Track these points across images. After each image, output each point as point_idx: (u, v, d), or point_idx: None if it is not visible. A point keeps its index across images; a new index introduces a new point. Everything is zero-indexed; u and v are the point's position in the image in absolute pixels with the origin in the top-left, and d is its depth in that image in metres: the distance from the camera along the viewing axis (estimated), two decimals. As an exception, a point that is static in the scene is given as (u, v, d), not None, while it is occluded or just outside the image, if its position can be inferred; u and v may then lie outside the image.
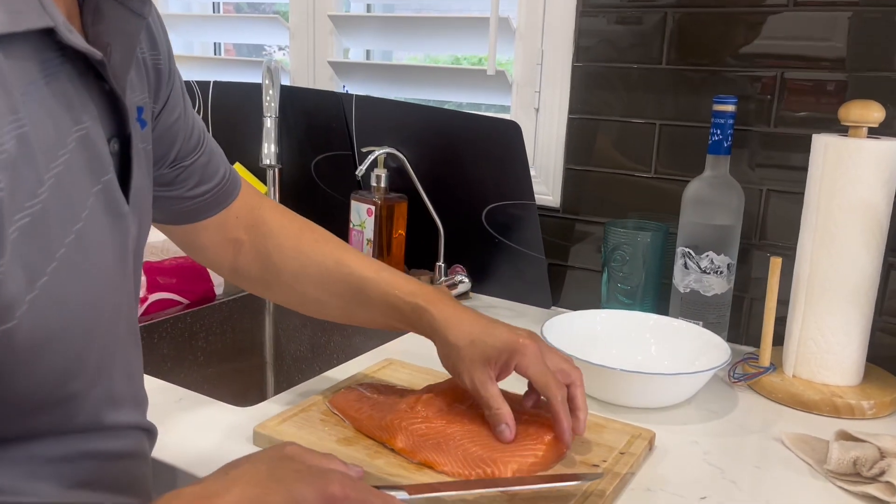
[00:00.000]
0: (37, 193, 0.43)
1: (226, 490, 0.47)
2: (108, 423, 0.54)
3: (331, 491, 0.49)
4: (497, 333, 0.73)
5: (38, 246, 0.44)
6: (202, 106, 1.52)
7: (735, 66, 1.06)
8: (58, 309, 0.46)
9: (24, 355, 0.44)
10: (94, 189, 0.49)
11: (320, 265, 0.80)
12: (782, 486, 0.74)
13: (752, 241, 1.08)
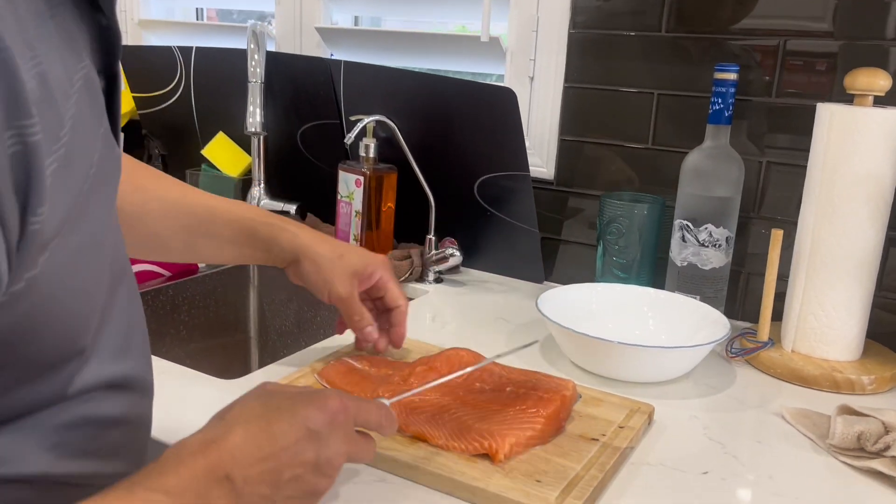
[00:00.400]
0: (59, 136, 0.41)
1: (228, 431, 0.49)
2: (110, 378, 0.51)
3: (330, 405, 0.52)
4: (361, 251, 0.82)
5: (64, 193, 0.41)
6: (184, 73, 1.47)
7: (736, 35, 1.03)
8: (73, 256, 0.43)
9: (43, 307, 0.42)
10: (100, 131, 0.47)
11: (162, 199, 0.77)
12: (784, 460, 0.72)
13: (750, 214, 1.06)
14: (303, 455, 0.51)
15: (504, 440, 0.65)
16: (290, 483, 0.50)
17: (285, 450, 0.50)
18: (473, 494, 0.62)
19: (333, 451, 0.52)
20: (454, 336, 0.99)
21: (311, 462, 0.51)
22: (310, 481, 0.51)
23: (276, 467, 0.50)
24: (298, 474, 0.51)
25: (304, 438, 0.51)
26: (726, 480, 0.68)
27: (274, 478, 0.49)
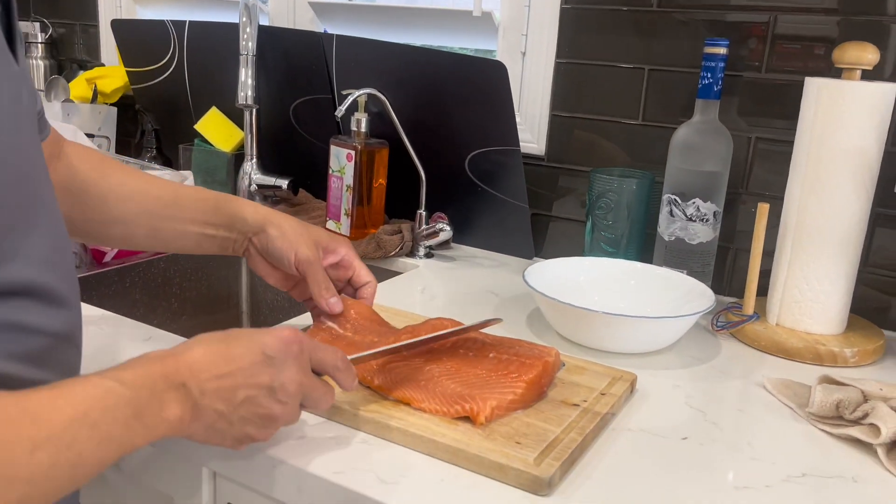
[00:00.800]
0: None
1: (189, 348, 0.53)
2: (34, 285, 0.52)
3: (286, 335, 0.57)
4: (326, 230, 0.84)
5: None
6: (177, 47, 1.47)
7: (727, 10, 1.03)
8: None
9: None
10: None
11: (126, 184, 0.78)
12: (764, 428, 0.73)
13: (738, 190, 1.07)
14: (258, 377, 0.54)
15: (485, 403, 0.66)
16: (244, 404, 0.54)
17: (241, 370, 0.53)
18: (454, 455, 0.62)
19: (287, 378, 0.56)
20: (442, 309, 0.99)
21: (265, 385, 0.54)
22: (264, 405, 0.55)
23: (232, 385, 0.53)
24: (253, 395, 0.54)
25: (260, 362, 0.54)
26: (704, 446, 0.69)
27: (229, 395, 0.53)
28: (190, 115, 1.51)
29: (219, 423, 0.54)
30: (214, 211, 0.79)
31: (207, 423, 0.53)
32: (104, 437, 0.46)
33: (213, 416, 0.53)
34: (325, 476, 0.60)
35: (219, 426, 0.54)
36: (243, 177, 1.40)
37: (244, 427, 0.55)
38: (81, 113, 1.49)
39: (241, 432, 0.56)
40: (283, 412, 0.56)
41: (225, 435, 0.55)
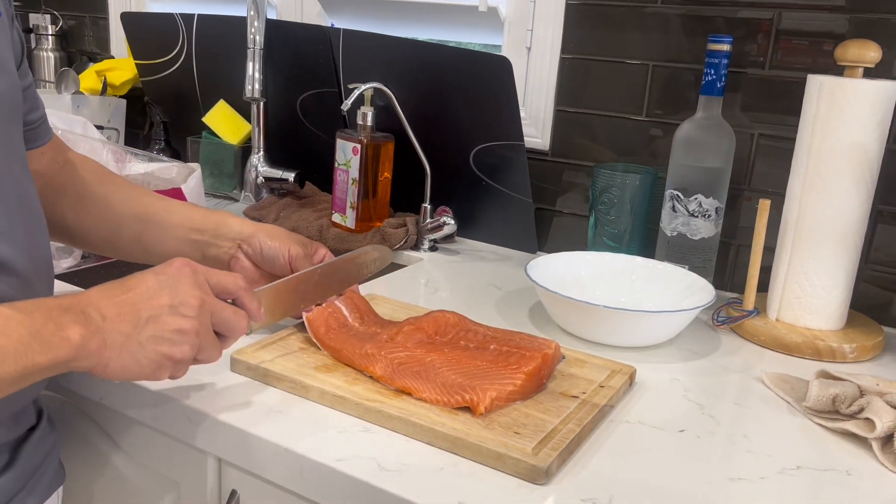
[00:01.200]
0: None
1: (84, 291, 0.57)
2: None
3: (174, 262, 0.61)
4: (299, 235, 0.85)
5: None
6: (185, 39, 1.48)
7: (732, 7, 1.04)
8: None
9: None
10: None
11: (120, 192, 0.82)
12: (760, 421, 0.74)
13: (741, 186, 1.07)
14: (156, 298, 0.58)
15: (485, 394, 0.67)
16: (149, 323, 0.57)
17: (138, 293, 0.58)
18: (454, 444, 0.64)
19: (185, 293, 0.59)
20: (445, 301, 1.00)
21: (165, 304, 0.58)
22: (169, 321, 0.58)
23: (132, 307, 0.56)
24: (155, 315, 0.58)
25: (154, 285, 0.59)
26: (701, 438, 0.70)
27: (131, 316, 0.56)
28: (198, 107, 1.52)
29: (129, 346, 0.56)
30: (202, 218, 0.82)
31: (118, 347, 0.56)
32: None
33: (120, 339, 0.56)
34: (328, 463, 0.62)
35: (131, 349, 0.56)
36: (250, 169, 1.41)
37: (157, 346, 0.58)
38: (91, 105, 1.51)
39: (156, 352, 0.58)
40: (192, 327, 0.59)
41: (140, 359, 0.57)
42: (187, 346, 0.59)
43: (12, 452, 0.64)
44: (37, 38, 1.75)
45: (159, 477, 0.78)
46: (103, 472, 0.82)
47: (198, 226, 0.81)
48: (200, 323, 0.60)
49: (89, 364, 0.55)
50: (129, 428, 0.78)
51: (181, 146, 1.55)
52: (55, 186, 0.80)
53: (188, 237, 0.81)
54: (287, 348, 0.78)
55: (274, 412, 0.69)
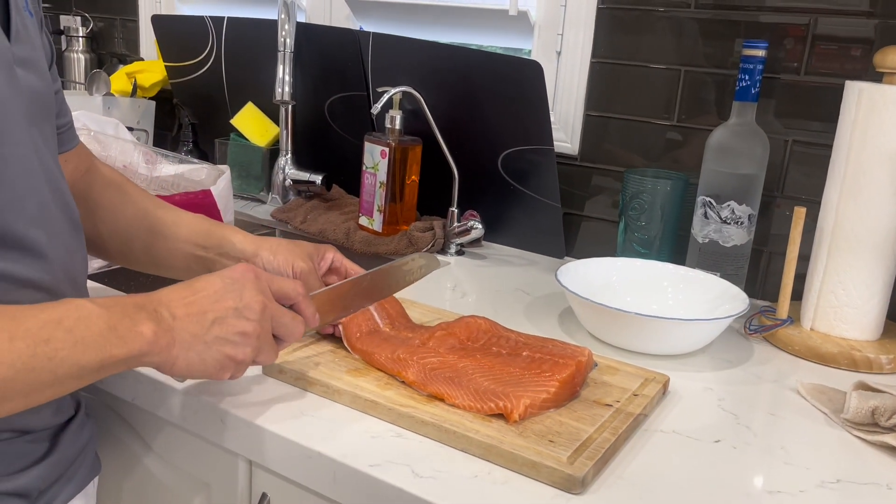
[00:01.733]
0: None
1: (156, 291, 0.60)
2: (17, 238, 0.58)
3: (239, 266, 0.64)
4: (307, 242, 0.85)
5: None
6: (215, 43, 1.49)
7: (766, 13, 1.03)
8: None
9: None
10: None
11: (136, 204, 0.84)
12: (797, 432, 0.72)
13: (774, 193, 1.06)
14: (222, 301, 0.61)
15: (519, 401, 0.66)
16: (215, 324, 0.60)
17: (206, 296, 0.60)
18: (487, 451, 0.63)
19: (249, 297, 0.62)
20: (473, 306, 1.00)
21: (231, 307, 0.61)
22: (234, 324, 0.61)
23: (200, 309, 0.59)
24: (221, 317, 0.60)
25: (221, 288, 0.61)
26: (737, 449, 0.69)
27: (199, 318, 0.60)
28: (226, 109, 1.53)
29: (196, 346, 0.59)
30: (207, 234, 0.83)
31: (186, 345, 0.59)
32: (78, 339, 0.52)
33: (188, 338, 0.59)
34: (361, 468, 0.61)
35: (197, 348, 0.59)
36: (278, 171, 1.42)
37: (221, 347, 0.60)
38: (121, 106, 1.52)
39: (220, 353, 0.60)
40: (255, 330, 0.62)
41: (205, 358, 0.60)
42: (249, 348, 0.62)
43: (52, 440, 0.66)
44: (67, 39, 1.77)
45: (190, 478, 0.78)
46: (134, 471, 0.83)
47: (203, 242, 0.82)
48: (262, 326, 0.62)
49: (159, 360, 0.58)
50: (161, 428, 0.78)
51: (209, 148, 1.56)
52: (74, 194, 0.81)
53: (194, 253, 0.82)
54: (319, 352, 0.78)
55: (305, 415, 0.69)
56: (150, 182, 1.18)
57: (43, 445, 0.65)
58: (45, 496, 0.65)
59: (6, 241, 0.58)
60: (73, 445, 0.68)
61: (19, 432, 0.62)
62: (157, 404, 0.75)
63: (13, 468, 0.61)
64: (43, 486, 0.64)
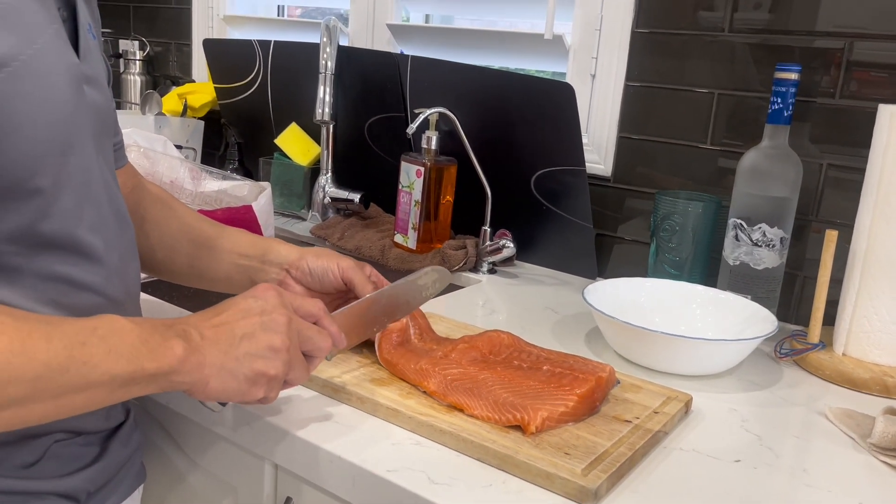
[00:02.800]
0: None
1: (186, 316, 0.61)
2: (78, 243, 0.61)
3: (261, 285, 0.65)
4: None
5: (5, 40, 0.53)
6: (262, 65, 1.55)
7: (801, 36, 1.03)
8: (18, 101, 0.54)
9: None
10: (51, 27, 0.58)
11: (181, 218, 0.87)
12: (822, 456, 0.72)
13: (808, 216, 1.05)
14: (248, 317, 0.62)
15: (536, 413, 0.67)
16: (244, 340, 0.61)
17: (232, 314, 0.62)
18: (503, 462, 0.64)
19: (275, 311, 0.63)
20: (502, 323, 1.01)
21: (257, 322, 0.62)
22: (262, 338, 0.61)
23: (228, 327, 0.60)
24: (249, 332, 0.61)
25: (245, 306, 0.62)
26: (758, 469, 0.68)
27: (227, 335, 0.60)
28: (271, 129, 1.58)
29: (227, 363, 0.60)
30: (251, 245, 0.86)
31: (217, 364, 0.59)
32: (112, 348, 0.53)
33: (219, 356, 0.59)
34: (379, 473, 0.63)
35: (229, 366, 0.60)
36: (318, 189, 1.46)
37: (252, 364, 0.61)
38: (172, 125, 1.59)
39: (251, 369, 0.61)
40: (283, 343, 0.62)
41: (237, 375, 0.60)
42: (279, 361, 0.62)
43: (102, 445, 0.69)
44: (125, 62, 1.86)
45: (218, 481, 0.81)
46: (166, 473, 0.86)
47: (246, 251, 0.85)
48: (290, 339, 0.63)
49: (191, 380, 0.58)
50: (192, 431, 0.81)
51: (254, 166, 1.61)
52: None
53: (237, 262, 0.85)
54: (345, 360, 0.80)
55: (329, 422, 0.71)
56: (194, 197, 1.23)
57: (94, 449, 0.68)
58: (93, 501, 0.67)
59: (67, 245, 0.61)
60: (122, 452, 0.71)
61: (74, 433, 0.65)
62: (189, 408, 0.78)
63: (65, 470, 0.64)
64: (92, 489, 0.66)
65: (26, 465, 0.61)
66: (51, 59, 0.57)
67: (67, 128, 0.59)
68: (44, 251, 0.59)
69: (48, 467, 0.63)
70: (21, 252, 0.58)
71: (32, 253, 0.58)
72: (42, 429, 0.62)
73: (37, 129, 0.56)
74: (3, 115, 0.53)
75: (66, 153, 0.60)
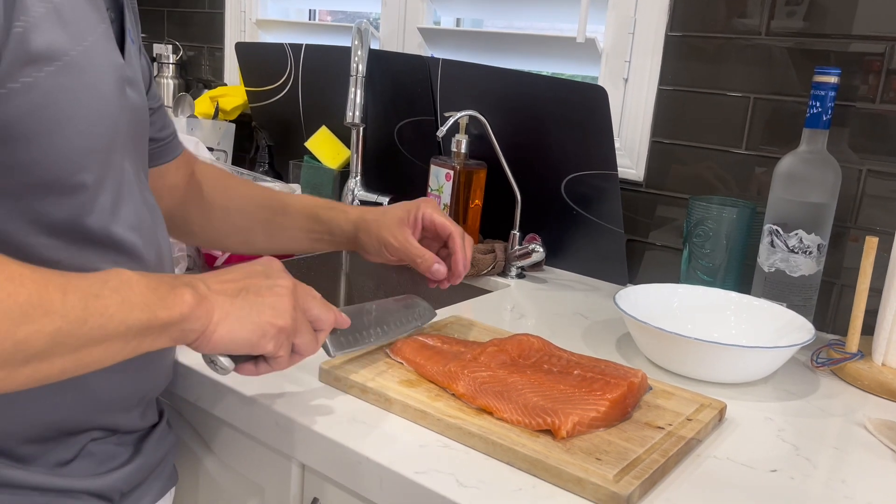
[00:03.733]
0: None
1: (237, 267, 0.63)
2: (117, 240, 0.62)
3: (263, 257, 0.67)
4: (403, 203, 0.89)
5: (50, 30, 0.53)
6: (293, 68, 1.56)
7: (841, 40, 1.01)
8: (66, 95, 0.55)
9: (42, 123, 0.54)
10: (100, 27, 0.59)
11: (244, 196, 0.90)
12: (861, 468, 0.69)
13: (846, 223, 1.03)
14: (254, 276, 0.62)
15: (567, 418, 0.66)
16: (251, 293, 0.61)
17: (236, 272, 0.62)
18: (533, 465, 0.63)
19: (278, 276, 0.63)
20: (531, 328, 1.00)
21: (263, 281, 0.62)
22: (268, 294, 0.61)
23: (234, 281, 0.61)
24: (255, 287, 0.61)
25: (250, 268, 0.63)
26: (795, 480, 0.66)
27: (235, 287, 0.61)
28: (301, 132, 1.59)
29: (234, 311, 0.59)
30: (315, 221, 0.89)
31: (225, 312, 0.59)
32: (124, 299, 0.52)
33: (226, 304, 0.59)
34: (407, 475, 0.62)
35: (236, 313, 0.59)
36: (347, 193, 1.46)
37: (260, 313, 0.60)
38: (203, 128, 1.60)
39: (259, 318, 0.60)
40: (289, 302, 0.62)
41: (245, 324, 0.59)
42: (287, 315, 0.61)
43: (137, 445, 0.69)
44: (159, 66, 1.88)
45: (245, 481, 0.80)
46: (193, 471, 0.86)
47: (314, 227, 0.90)
48: (296, 301, 0.63)
49: (200, 326, 0.57)
50: (220, 430, 0.81)
51: (284, 169, 1.62)
52: (185, 200, 0.88)
53: (311, 238, 0.90)
54: (373, 362, 0.80)
55: (357, 422, 0.70)
56: (225, 198, 1.23)
57: (128, 449, 0.68)
58: (126, 501, 0.67)
59: (107, 243, 0.62)
60: (156, 453, 0.71)
61: (110, 431, 0.66)
62: (217, 405, 0.78)
63: (100, 469, 0.64)
64: (125, 489, 0.67)
65: (62, 463, 0.62)
66: (98, 58, 0.58)
67: (111, 125, 0.60)
68: (85, 247, 0.60)
69: (83, 465, 0.63)
70: (62, 246, 0.58)
71: (74, 248, 0.59)
72: (78, 426, 0.63)
73: (83, 125, 0.57)
74: (52, 109, 0.54)
75: (109, 150, 0.61)
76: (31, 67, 0.53)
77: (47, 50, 0.53)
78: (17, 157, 0.54)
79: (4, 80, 0.52)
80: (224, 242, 0.93)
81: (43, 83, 0.53)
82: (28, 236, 0.57)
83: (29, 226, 0.57)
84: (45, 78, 0.54)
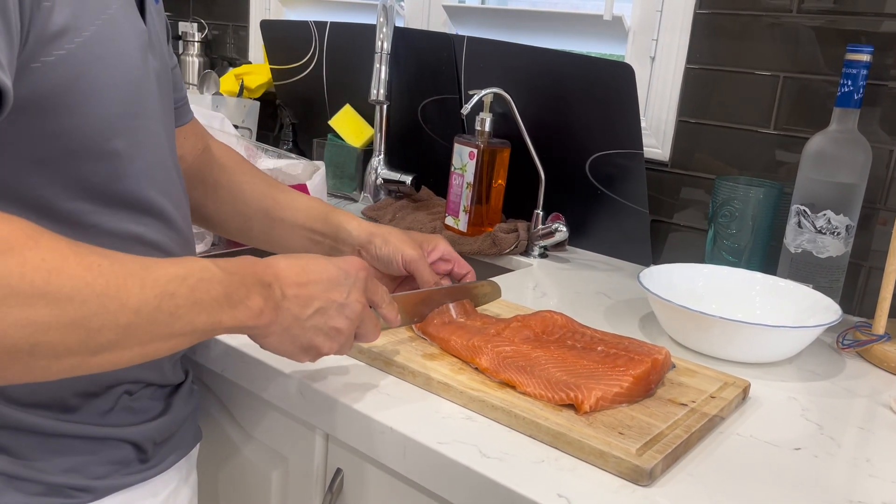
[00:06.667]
0: None
1: (275, 259, 0.61)
2: (150, 204, 0.63)
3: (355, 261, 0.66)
4: (419, 232, 0.91)
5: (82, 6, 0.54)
6: (318, 46, 1.56)
7: (873, 17, 0.99)
8: (98, 64, 0.56)
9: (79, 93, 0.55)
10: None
11: (251, 183, 0.88)
12: (885, 447, 0.69)
13: (876, 205, 1.01)
14: (331, 293, 0.62)
15: (590, 392, 0.66)
16: (317, 314, 0.62)
17: (318, 283, 0.62)
18: (555, 439, 0.63)
19: (354, 298, 0.64)
20: (553, 306, 1.00)
21: (337, 301, 0.63)
22: (333, 317, 0.63)
23: (309, 295, 0.61)
24: (325, 307, 0.62)
25: (334, 280, 0.63)
26: (819, 458, 0.66)
27: (305, 303, 0.61)
28: (325, 111, 1.60)
29: (293, 328, 0.61)
30: (323, 220, 0.87)
31: (284, 325, 0.60)
32: (197, 300, 0.53)
33: (289, 319, 0.60)
34: (430, 445, 0.63)
35: (293, 331, 0.61)
36: (370, 171, 1.46)
37: (314, 336, 0.62)
38: (228, 105, 1.61)
39: (310, 341, 0.62)
40: (349, 329, 0.64)
41: (296, 341, 0.62)
42: (336, 343, 0.64)
43: (166, 400, 0.72)
44: (184, 44, 1.89)
45: (269, 451, 0.82)
46: (219, 441, 0.87)
47: (319, 227, 0.86)
48: (354, 325, 0.65)
49: (256, 332, 0.59)
50: (245, 401, 0.82)
51: (307, 147, 1.63)
52: (194, 173, 0.87)
53: (311, 238, 0.87)
54: (398, 335, 0.80)
55: (382, 394, 0.71)
56: (250, 174, 1.24)
57: (160, 403, 0.71)
58: (159, 452, 0.70)
59: (141, 206, 0.63)
60: (184, 409, 0.73)
61: (144, 384, 0.68)
62: (244, 377, 0.79)
63: (135, 420, 0.67)
64: (158, 439, 0.69)
65: (103, 413, 0.65)
66: (123, 25, 0.59)
67: (139, 91, 0.61)
68: (120, 210, 0.61)
69: (121, 416, 0.66)
70: (98, 210, 0.60)
71: (109, 211, 0.60)
72: (117, 379, 0.65)
73: (113, 92, 0.58)
74: (84, 79, 0.55)
75: (138, 115, 0.62)
76: (61, 40, 0.53)
77: (74, 21, 0.54)
78: (58, 126, 0.55)
79: (37, 55, 0.52)
80: (222, 226, 0.91)
81: (76, 54, 0.54)
82: (66, 202, 0.58)
83: (67, 191, 0.58)
84: (76, 49, 0.54)
